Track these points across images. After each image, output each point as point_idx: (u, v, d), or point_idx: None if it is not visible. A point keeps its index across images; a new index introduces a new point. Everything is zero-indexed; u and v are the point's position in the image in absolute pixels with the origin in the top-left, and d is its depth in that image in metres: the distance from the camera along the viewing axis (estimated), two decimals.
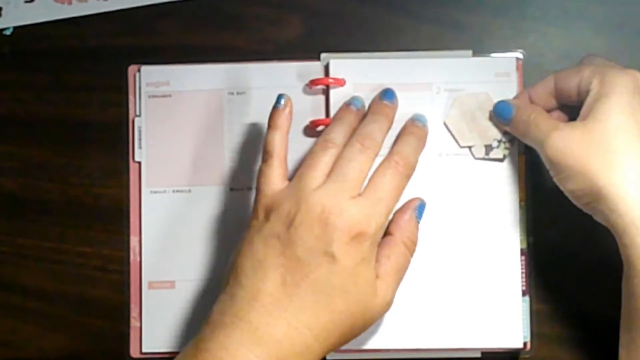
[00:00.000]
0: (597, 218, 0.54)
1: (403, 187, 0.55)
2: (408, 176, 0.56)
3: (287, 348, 0.50)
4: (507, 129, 0.59)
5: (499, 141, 0.60)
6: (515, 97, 0.60)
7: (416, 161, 0.57)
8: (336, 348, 0.53)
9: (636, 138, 0.52)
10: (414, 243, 0.56)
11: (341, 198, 0.52)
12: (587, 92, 0.55)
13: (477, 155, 0.60)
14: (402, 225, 0.56)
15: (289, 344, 0.50)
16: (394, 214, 0.57)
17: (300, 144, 0.62)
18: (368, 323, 0.54)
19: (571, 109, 0.58)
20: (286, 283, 0.51)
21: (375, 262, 0.53)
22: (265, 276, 0.51)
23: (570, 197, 0.55)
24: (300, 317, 0.50)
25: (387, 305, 0.54)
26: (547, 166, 0.55)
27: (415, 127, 0.59)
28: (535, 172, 0.62)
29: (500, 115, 0.59)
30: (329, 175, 0.54)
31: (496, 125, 0.60)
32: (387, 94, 0.59)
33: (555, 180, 0.55)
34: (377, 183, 0.54)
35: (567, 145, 0.53)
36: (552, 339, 0.62)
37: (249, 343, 0.50)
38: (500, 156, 0.60)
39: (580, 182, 0.53)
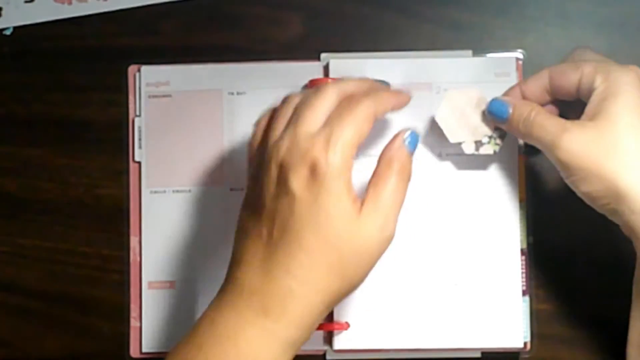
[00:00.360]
0: (614, 219, 0.54)
1: (365, 119, 0.51)
2: (367, 112, 0.51)
3: (271, 296, 0.49)
4: (504, 127, 0.58)
5: (489, 137, 0.59)
6: (506, 93, 0.59)
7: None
8: (341, 292, 0.51)
9: None
10: (407, 169, 0.52)
11: (296, 131, 0.50)
12: (590, 90, 0.54)
13: (467, 151, 0.59)
14: (391, 153, 0.52)
15: (272, 291, 0.49)
16: (384, 148, 0.53)
17: None
18: (365, 258, 0.51)
19: (561, 102, 0.58)
20: (262, 235, 0.50)
21: (366, 197, 0.51)
22: (246, 235, 0.51)
23: (585, 199, 0.54)
24: (277, 262, 0.49)
25: (384, 236, 0.51)
26: (559, 168, 0.54)
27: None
28: (535, 172, 0.62)
29: (495, 113, 0.57)
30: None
31: (486, 121, 0.59)
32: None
33: (567, 182, 0.54)
34: (335, 115, 0.51)
35: (581, 147, 0.52)
36: (552, 339, 0.62)
37: (236, 299, 0.50)
38: (491, 152, 0.59)
39: (596, 184, 0.52)
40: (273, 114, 0.54)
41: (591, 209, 0.56)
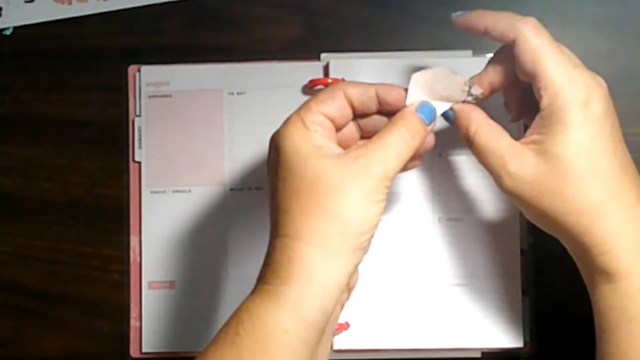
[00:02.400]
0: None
1: (328, 93, 0.51)
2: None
3: (277, 261, 0.47)
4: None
5: (463, 102, 0.57)
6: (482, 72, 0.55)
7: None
8: (329, 235, 0.47)
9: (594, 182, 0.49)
10: (416, 128, 0.50)
11: (290, 122, 0.50)
12: (538, 94, 0.50)
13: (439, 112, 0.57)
14: (402, 114, 0.51)
15: (278, 255, 0.48)
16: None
17: None
18: (342, 197, 0.47)
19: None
20: (272, 213, 0.50)
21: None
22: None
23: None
24: (280, 229, 0.48)
25: (369, 184, 0.48)
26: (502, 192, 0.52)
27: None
28: None
29: (446, 118, 0.54)
30: None
31: (456, 91, 0.55)
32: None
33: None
34: None
35: (524, 183, 0.50)
36: (552, 339, 0.62)
37: (259, 279, 0.49)
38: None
39: (536, 220, 0.52)
40: None
41: None
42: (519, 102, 0.55)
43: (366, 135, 0.53)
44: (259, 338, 0.46)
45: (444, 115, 0.54)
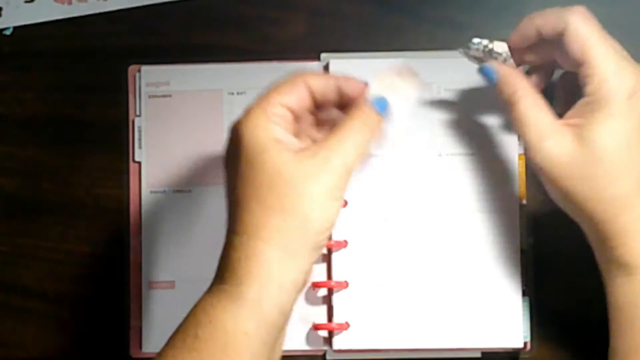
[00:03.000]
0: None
1: (288, 82, 0.51)
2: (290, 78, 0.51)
3: (235, 258, 0.47)
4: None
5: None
6: (520, 25, 0.54)
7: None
8: (285, 230, 0.47)
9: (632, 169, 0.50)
10: (371, 119, 0.50)
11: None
12: (579, 73, 0.51)
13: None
14: (358, 106, 0.51)
15: (235, 253, 0.47)
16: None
17: None
18: (304, 194, 0.47)
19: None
20: (230, 207, 0.49)
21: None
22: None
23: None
24: (238, 226, 0.48)
25: (326, 178, 0.48)
26: (533, 169, 0.53)
27: None
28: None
29: (485, 76, 0.54)
30: None
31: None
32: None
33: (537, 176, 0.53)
34: None
35: (559, 163, 0.50)
36: (552, 339, 0.62)
37: (215, 278, 0.49)
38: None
39: (563, 204, 0.52)
40: None
41: None
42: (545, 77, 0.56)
43: (320, 125, 0.53)
44: (218, 341, 0.46)
45: (484, 72, 0.54)
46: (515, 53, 0.55)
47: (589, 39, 0.51)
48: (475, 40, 0.56)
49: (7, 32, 0.66)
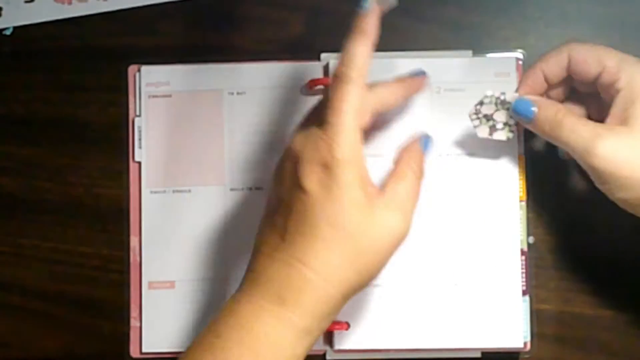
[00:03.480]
0: None
1: (358, 97, 0.51)
2: (355, 83, 0.51)
3: (286, 286, 0.49)
4: (530, 127, 0.57)
5: (504, 123, 0.59)
6: (527, 73, 0.58)
7: (362, 67, 0.52)
8: (356, 284, 0.51)
9: None
10: (422, 170, 0.54)
11: (309, 127, 0.51)
12: (611, 87, 0.54)
13: (480, 135, 0.59)
14: (407, 154, 0.54)
15: (287, 281, 0.49)
16: (400, 149, 0.55)
17: None
18: (380, 250, 0.51)
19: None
20: (277, 225, 0.51)
21: (382, 191, 0.51)
22: (264, 227, 0.52)
23: (620, 205, 0.54)
24: (293, 252, 0.50)
25: (400, 229, 0.51)
26: (592, 174, 0.54)
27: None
28: (536, 172, 0.62)
29: (520, 113, 0.57)
30: None
31: (502, 110, 0.59)
32: (415, 71, 0.59)
33: (601, 188, 0.54)
34: (333, 104, 0.51)
35: (617, 154, 0.52)
36: (552, 339, 0.62)
37: (252, 289, 0.50)
38: (504, 138, 0.59)
39: (635, 192, 0.52)
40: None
41: (590, 209, 0.56)
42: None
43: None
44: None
45: (520, 107, 0.57)
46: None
47: (597, 50, 0.55)
48: (489, 92, 0.59)
49: (7, 32, 0.66)
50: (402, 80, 0.57)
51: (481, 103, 0.59)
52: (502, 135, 0.59)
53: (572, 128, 0.54)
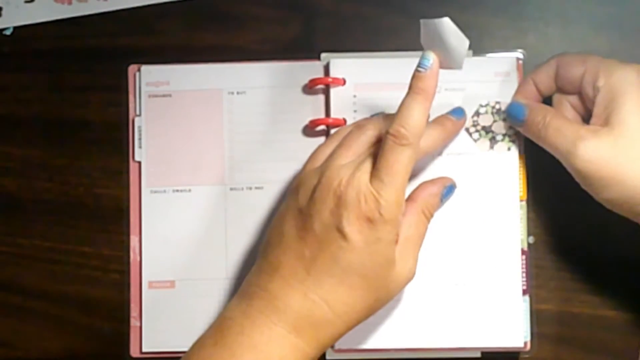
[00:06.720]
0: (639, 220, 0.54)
1: (411, 160, 0.52)
2: (411, 146, 0.51)
3: (305, 318, 0.51)
4: (521, 130, 0.58)
5: (504, 135, 0.60)
6: (520, 85, 0.60)
7: (419, 130, 0.52)
8: (361, 321, 0.54)
9: None
10: (432, 215, 0.56)
11: (360, 175, 0.52)
12: (592, 87, 0.54)
13: (481, 149, 0.60)
14: (426, 197, 0.56)
15: (307, 314, 0.51)
16: (422, 184, 0.57)
17: (299, 143, 0.62)
18: (392, 294, 0.54)
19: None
20: (304, 256, 0.51)
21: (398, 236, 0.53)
22: (286, 248, 0.52)
23: (606, 205, 0.54)
24: (317, 290, 0.51)
25: (411, 274, 0.54)
26: (575, 176, 0.55)
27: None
28: (536, 172, 0.62)
29: (512, 116, 0.59)
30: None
31: (500, 121, 0.60)
32: (455, 111, 0.60)
33: (586, 189, 0.55)
34: (388, 163, 0.51)
35: (598, 155, 0.52)
36: (552, 339, 0.62)
37: (269, 311, 0.51)
38: (505, 149, 0.60)
39: (618, 191, 0.52)
40: (343, 141, 0.56)
41: (590, 208, 0.56)
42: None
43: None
44: None
45: (513, 110, 0.58)
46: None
47: (580, 55, 0.56)
48: (483, 101, 0.60)
49: (7, 32, 0.66)
50: (444, 126, 0.58)
51: (477, 114, 0.59)
52: (502, 146, 0.60)
53: (557, 130, 0.54)
